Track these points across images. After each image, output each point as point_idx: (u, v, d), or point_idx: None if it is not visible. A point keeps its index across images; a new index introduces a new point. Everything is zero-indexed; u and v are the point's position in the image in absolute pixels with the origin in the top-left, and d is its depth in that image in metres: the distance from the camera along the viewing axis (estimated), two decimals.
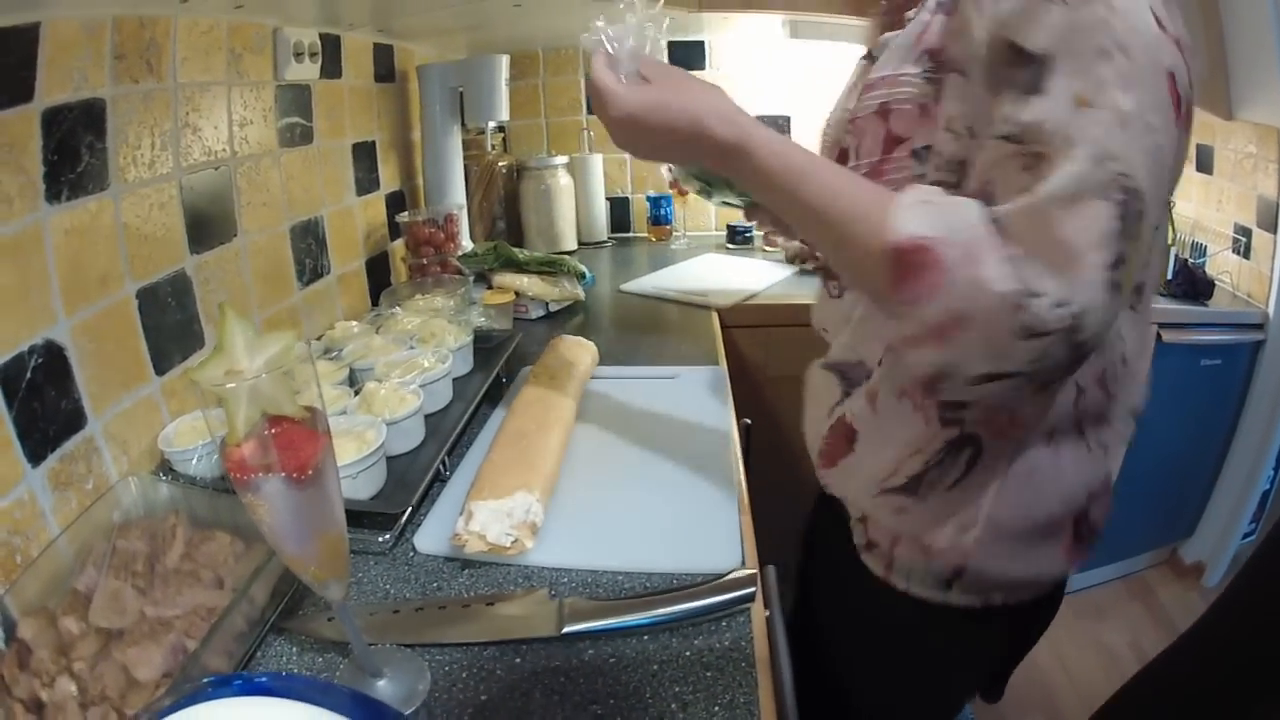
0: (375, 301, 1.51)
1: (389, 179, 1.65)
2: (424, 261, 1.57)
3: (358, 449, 0.79)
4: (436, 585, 0.71)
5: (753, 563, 0.72)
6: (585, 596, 0.67)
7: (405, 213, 1.63)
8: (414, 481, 0.83)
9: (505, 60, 1.66)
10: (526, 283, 1.45)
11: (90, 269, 0.83)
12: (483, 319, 1.25)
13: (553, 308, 1.50)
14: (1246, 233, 1.93)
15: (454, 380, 1.06)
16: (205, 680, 0.35)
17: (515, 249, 1.50)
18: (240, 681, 0.33)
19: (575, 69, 2.09)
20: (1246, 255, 1.93)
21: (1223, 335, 1.88)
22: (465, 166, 1.81)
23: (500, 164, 1.91)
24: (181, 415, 0.93)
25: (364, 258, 1.53)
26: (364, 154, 1.53)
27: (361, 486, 0.80)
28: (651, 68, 0.64)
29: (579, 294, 1.52)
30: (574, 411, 0.97)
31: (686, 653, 0.60)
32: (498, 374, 1.13)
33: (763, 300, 1.58)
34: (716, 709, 0.55)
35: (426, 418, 0.95)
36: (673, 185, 2.04)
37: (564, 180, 1.92)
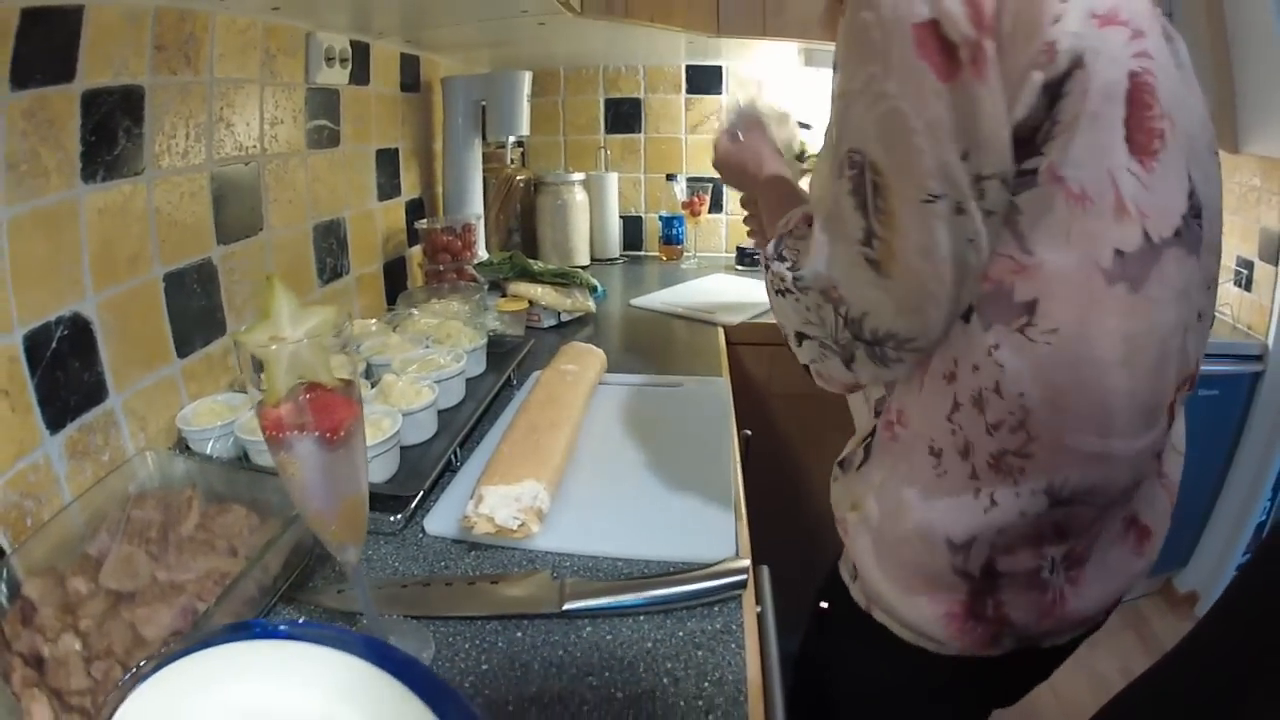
0: (391, 303, 1.51)
1: (410, 186, 1.66)
2: (440, 268, 1.57)
3: (374, 435, 0.79)
4: (444, 564, 0.71)
5: (745, 555, 0.72)
6: (586, 579, 0.68)
7: (424, 220, 1.64)
8: (426, 469, 0.83)
9: (528, 76, 1.68)
10: (540, 292, 1.45)
11: (121, 249, 0.83)
12: (497, 323, 1.25)
13: (564, 318, 1.49)
14: (1249, 265, 1.92)
15: (467, 380, 1.06)
16: (221, 626, 0.34)
17: (530, 260, 1.50)
18: (259, 628, 0.32)
19: (595, 89, 2.11)
20: (1248, 287, 1.93)
21: (1221, 366, 1.86)
22: (484, 178, 1.82)
23: (518, 178, 1.92)
24: (200, 397, 0.93)
25: (382, 261, 1.54)
26: (387, 160, 1.55)
27: (376, 471, 0.80)
28: (745, 130, 0.96)
29: (590, 306, 1.52)
30: (583, 411, 0.97)
31: (679, 633, 0.62)
32: (509, 376, 1.13)
33: (769, 320, 1.57)
34: (706, 685, 0.56)
35: (439, 413, 0.95)
36: (685, 206, 2.05)
37: (580, 197, 1.93)
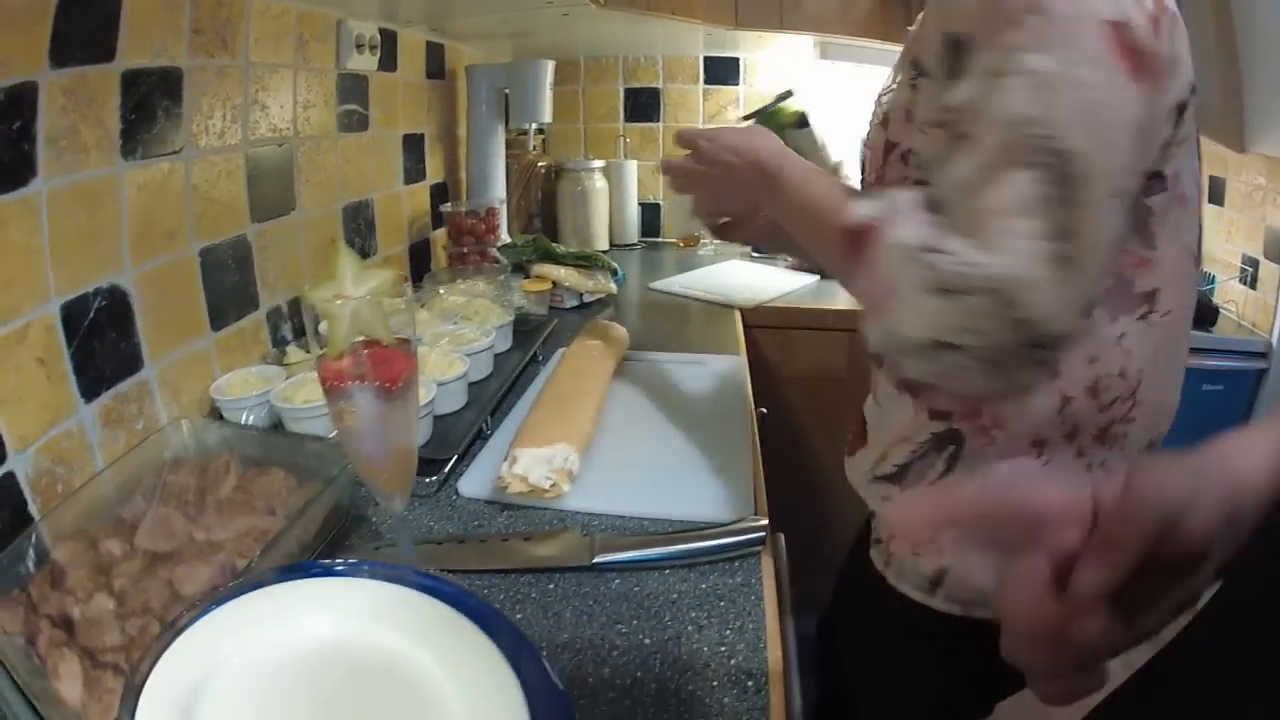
0: (417, 283, 1.52)
1: (434, 170, 1.67)
2: (464, 250, 1.58)
3: None
4: (477, 524, 0.72)
5: (764, 514, 0.74)
6: (615, 535, 0.70)
7: (448, 203, 1.64)
8: (458, 436, 0.85)
9: (551, 65, 1.68)
10: (563, 273, 1.45)
11: (159, 224, 0.84)
12: (523, 302, 1.26)
13: (586, 299, 1.50)
14: (1254, 263, 1.90)
15: (494, 356, 1.07)
16: (278, 567, 0.35)
17: (552, 243, 1.50)
18: (318, 568, 0.33)
19: (615, 78, 2.10)
20: (1253, 285, 1.90)
21: (1226, 361, 1.84)
22: (506, 164, 1.82)
23: (540, 164, 1.92)
24: (232, 370, 0.94)
25: (408, 243, 1.54)
26: (413, 145, 1.55)
27: None
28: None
29: (611, 288, 1.53)
30: (607, 383, 0.99)
31: (703, 585, 0.64)
32: (534, 353, 1.14)
33: (784, 303, 1.57)
34: (728, 632, 0.59)
35: (469, 386, 0.96)
36: None
37: (599, 183, 1.93)
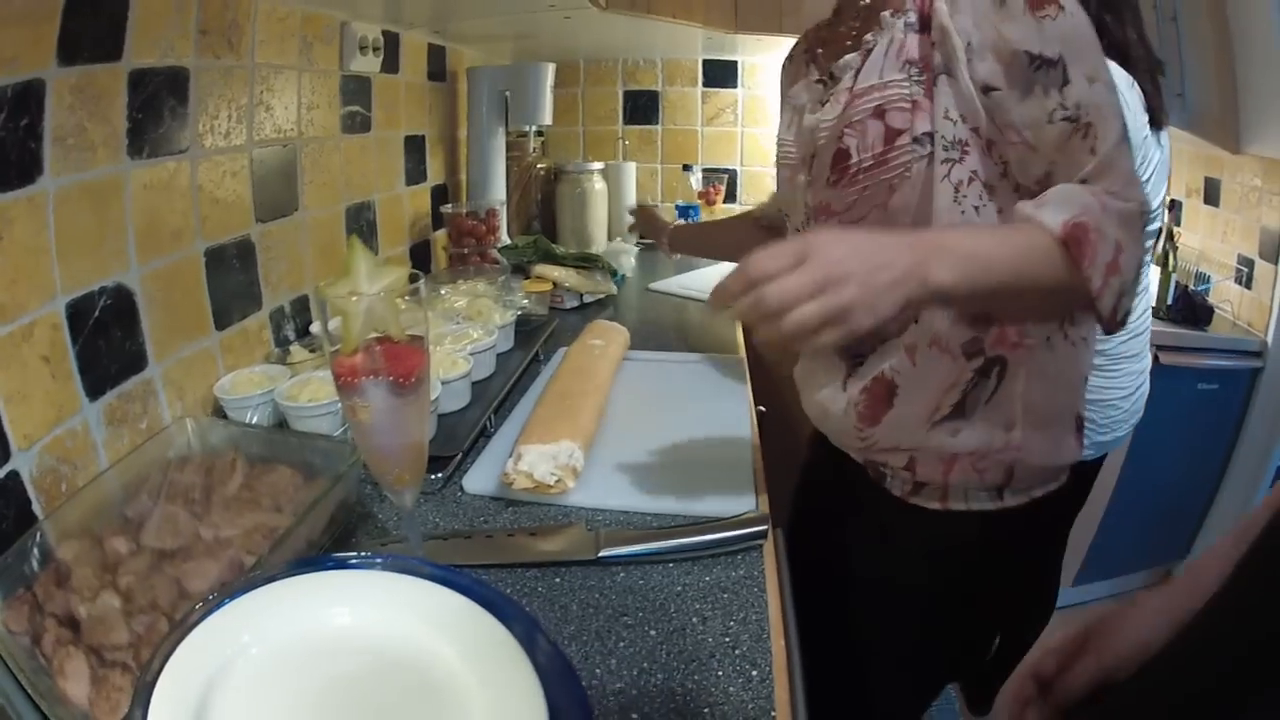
0: None
1: (435, 172, 1.67)
2: (465, 251, 1.58)
3: None
4: (483, 520, 0.73)
5: (765, 510, 0.75)
6: (619, 529, 0.70)
7: (449, 205, 1.64)
8: (463, 433, 0.85)
9: (551, 68, 1.68)
10: (563, 274, 1.45)
11: (165, 224, 0.84)
12: (525, 302, 1.26)
13: (586, 299, 1.50)
14: (1249, 263, 1.90)
15: (497, 355, 1.07)
16: (290, 562, 0.35)
17: (552, 244, 1.50)
18: (332, 562, 0.32)
19: (614, 81, 2.11)
20: (1248, 285, 1.91)
21: (1221, 361, 1.85)
22: (506, 166, 1.82)
23: (539, 166, 1.92)
24: (236, 369, 0.94)
25: (409, 243, 1.54)
26: (414, 146, 1.55)
27: None
28: None
29: (611, 288, 1.53)
30: (610, 382, 0.99)
31: (706, 578, 0.65)
32: (536, 352, 1.14)
33: None
34: (731, 624, 0.59)
35: (472, 385, 0.97)
36: (701, 195, 2.05)
37: (598, 185, 1.93)
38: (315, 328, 1.12)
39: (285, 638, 0.32)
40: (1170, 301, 1.90)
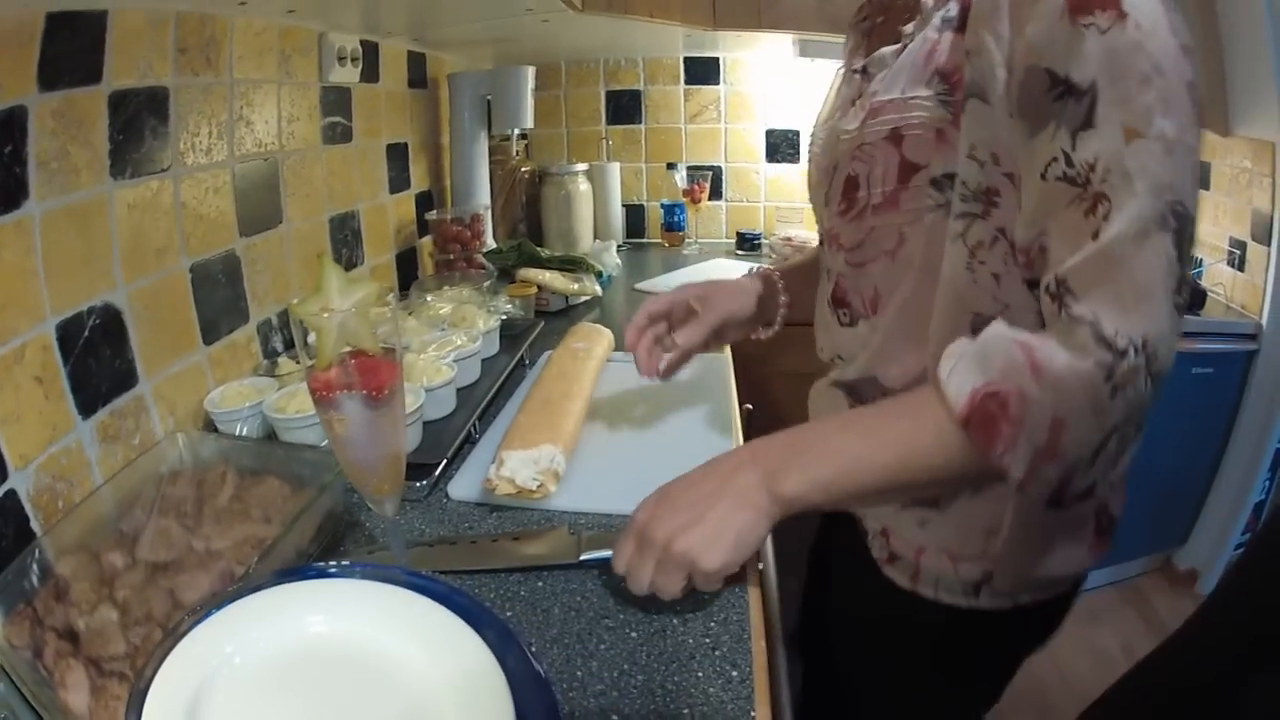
0: (404, 291, 1.54)
1: (419, 179, 1.70)
2: (450, 257, 1.61)
3: None
4: (468, 526, 0.75)
5: None
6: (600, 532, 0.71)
7: (434, 211, 1.67)
8: (447, 440, 0.87)
9: (531, 71, 1.71)
10: (548, 277, 1.48)
11: (149, 242, 0.87)
12: (509, 307, 1.29)
13: (571, 301, 1.53)
14: (1241, 245, 1.93)
15: (482, 360, 1.10)
16: (274, 571, 0.38)
17: (537, 247, 1.53)
18: (314, 571, 0.35)
19: (596, 82, 2.14)
20: (1241, 268, 1.94)
21: (1215, 344, 1.88)
22: (490, 170, 1.85)
23: (523, 169, 1.95)
24: (226, 382, 0.96)
25: (394, 251, 1.57)
26: (397, 154, 1.58)
27: None
28: None
29: (597, 290, 1.56)
30: (593, 385, 1.01)
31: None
32: (521, 356, 1.17)
33: None
34: (712, 625, 0.60)
35: (457, 391, 0.99)
36: (686, 193, 2.08)
37: (583, 186, 1.96)
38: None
39: (269, 644, 0.35)
40: None
